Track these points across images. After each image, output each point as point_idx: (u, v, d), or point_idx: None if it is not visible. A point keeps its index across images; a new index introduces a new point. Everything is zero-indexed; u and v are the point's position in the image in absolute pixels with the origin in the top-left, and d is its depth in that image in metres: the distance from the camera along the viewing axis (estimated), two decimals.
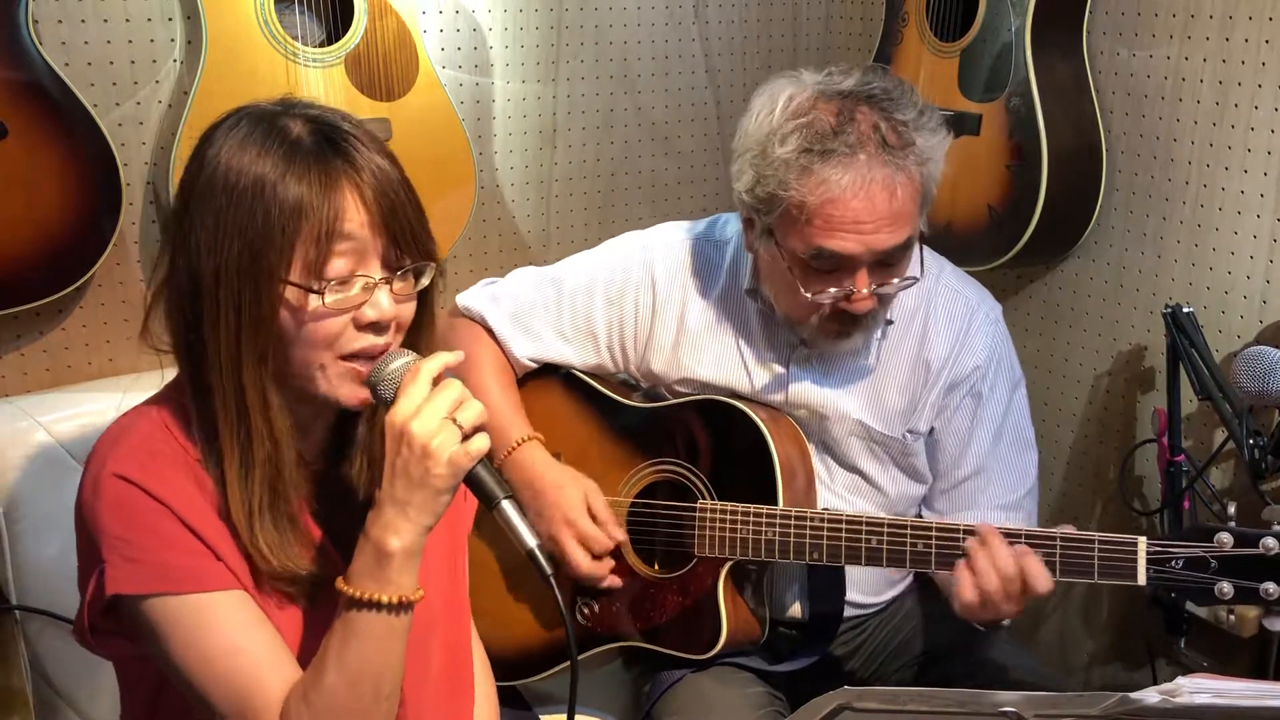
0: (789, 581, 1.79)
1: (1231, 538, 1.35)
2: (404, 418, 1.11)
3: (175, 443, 1.19)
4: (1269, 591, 1.33)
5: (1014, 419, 1.76)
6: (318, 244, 1.11)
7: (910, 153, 1.51)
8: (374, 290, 1.15)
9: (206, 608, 1.15)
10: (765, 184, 1.54)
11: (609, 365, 1.83)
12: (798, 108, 1.53)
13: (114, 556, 1.14)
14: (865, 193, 1.48)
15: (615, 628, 1.74)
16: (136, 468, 1.15)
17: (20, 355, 1.99)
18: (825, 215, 1.50)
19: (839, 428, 1.75)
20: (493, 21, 2.28)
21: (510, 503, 1.15)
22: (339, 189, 1.12)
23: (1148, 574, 1.39)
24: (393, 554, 1.12)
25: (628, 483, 1.76)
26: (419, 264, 1.19)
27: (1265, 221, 1.95)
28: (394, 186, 1.16)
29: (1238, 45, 1.94)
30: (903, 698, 1.16)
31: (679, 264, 1.78)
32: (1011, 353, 1.78)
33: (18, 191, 1.79)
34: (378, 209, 1.14)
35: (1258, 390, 1.62)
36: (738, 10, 2.54)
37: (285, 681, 1.15)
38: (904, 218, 1.52)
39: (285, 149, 1.13)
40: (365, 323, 1.15)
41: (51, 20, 1.89)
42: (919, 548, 1.52)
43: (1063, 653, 2.40)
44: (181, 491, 1.16)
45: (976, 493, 1.74)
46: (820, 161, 1.49)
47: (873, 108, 1.52)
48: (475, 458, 1.12)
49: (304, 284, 1.12)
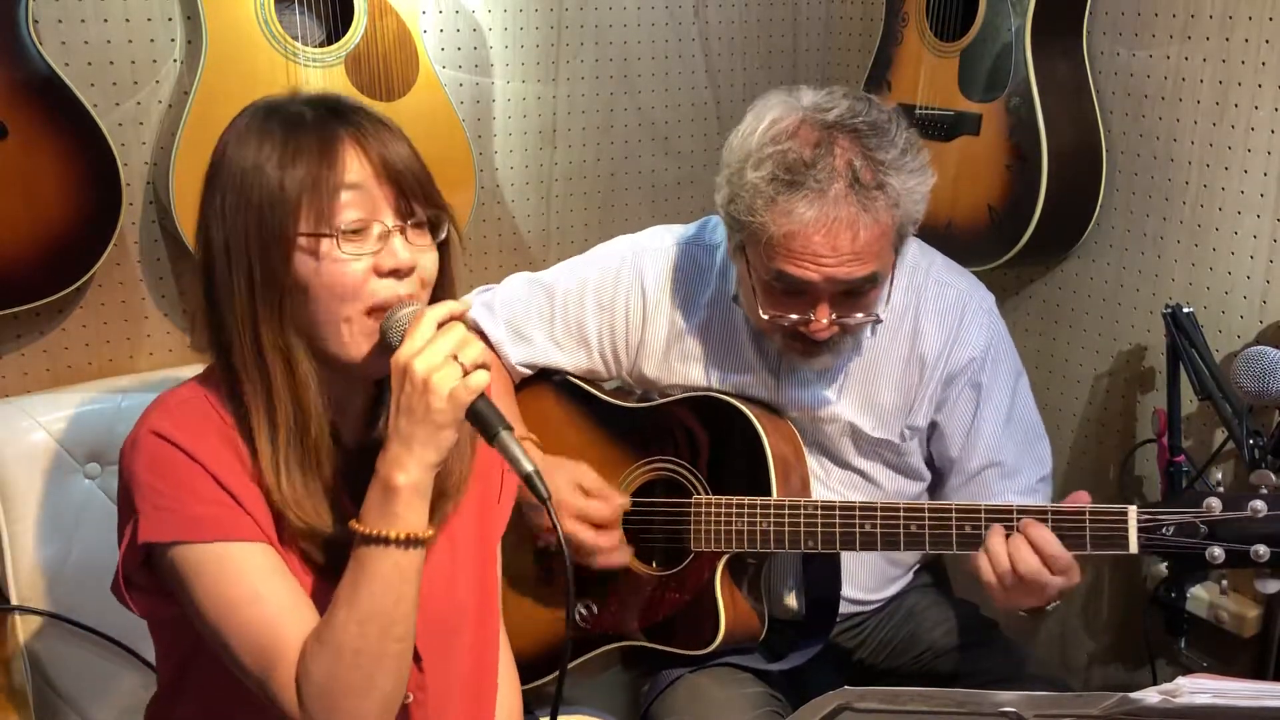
0: (785, 575, 1.80)
1: (1220, 502, 1.35)
2: (408, 356, 1.14)
3: (214, 413, 1.23)
4: (1259, 554, 1.33)
5: (1021, 407, 1.75)
6: (324, 195, 1.16)
7: (881, 194, 1.49)
8: (389, 238, 1.19)
9: (229, 556, 1.18)
10: (736, 204, 1.55)
11: (602, 370, 1.83)
12: (778, 133, 1.52)
13: (145, 506, 1.18)
14: (828, 229, 1.48)
15: (614, 627, 1.75)
16: (173, 426, 1.20)
17: (20, 355, 1.99)
18: (787, 245, 1.50)
19: (832, 429, 1.75)
20: (493, 21, 2.28)
21: (509, 434, 1.18)
22: (340, 144, 1.17)
23: (1139, 542, 1.39)
24: (399, 489, 1.15)
25: (624, 482, 1.76)
26: (431, 212, 1.23)
27: (1265, 221, 1.95)
28: (396, 141, 1.21)
29: (1238, 45, 1.94)
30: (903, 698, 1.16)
31: (669, 269, 1.79)
32: (1008, 342, 1.77)
33: (18, 191, 1.79)
34: (380, 160, 1.19)
35: (1258, 390, 1.62)
36: (738, 10, 2.54)
37: (303, 629, 1.18)
38: (868, 255, 1.51)
39: (288, 124, 1.19)
40: (386, 270, 1.19)
41: (51, 20, 1.89)
42: (911, 529, 1.52)
43: (1063, 653, 2.40)
44: (215, 452, 1.20)
45: (993, 482, 1.72)
46: (787, 192, 1.49)
47: (854, 142, 1.50)
48: (475, 392, 1.15)
49: (315, 232, 1.16)
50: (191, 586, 1.19)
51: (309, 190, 1.16)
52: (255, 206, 1.16)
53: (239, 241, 1.17)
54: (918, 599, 1.90)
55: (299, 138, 1.17)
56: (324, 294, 1.18)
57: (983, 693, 1.15)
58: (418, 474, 1.15)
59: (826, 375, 1.72)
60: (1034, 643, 2.42)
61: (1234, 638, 2.02)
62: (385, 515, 1.16)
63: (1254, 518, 1.34)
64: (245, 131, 1.19)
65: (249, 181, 1.17)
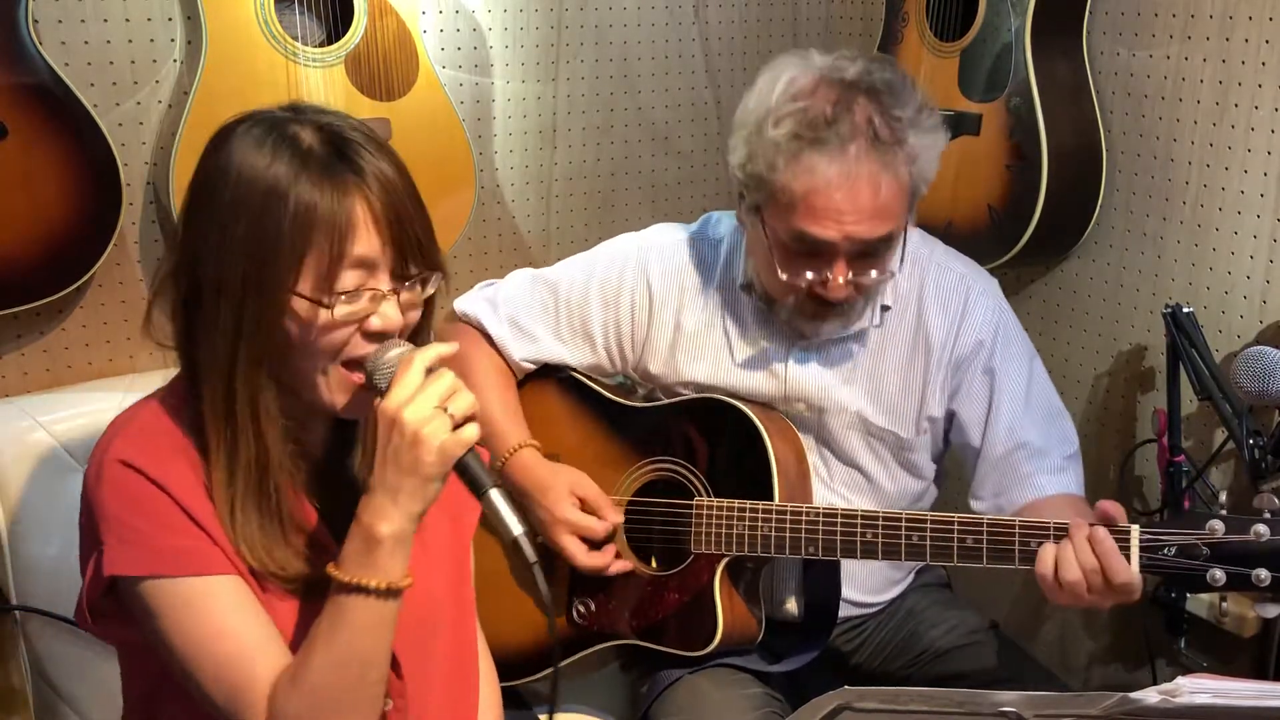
0: (785, 578, 1.79)
1: (1223, 525, 1.35)
2: (397, 405, 1.12)
3: (179, 431, 1.20)
4: (1260, 578, 1.33)
5: (1039, 388, 1.73)
6: (329, 260, 1.13)
7: (901, 149, 1.51)
8: (381, 301, 1.17)
9: (198, 591, 1.16)
10: (755, 162, 1.55)
11: (607, 366, 1.83)
12: (798, 91, 1.53)
13: (111, 538, 1.16)
14: (849, 185, 1.49)
15: (612, 626, 1.75)
16: (138, 453, 1.17)
17: (20, 355, 1.99)
18: (808, 202, 1.51)
19: (838, 421, 1.74)
20: (493, 21, 2.28)
21: (498, 491, 1.16)
22: (350, 204, 1.13)
23: (1141, 561, 1.39)
24: (382, 539, 1.13)
25: (625, 482, 1.76)
26: (425, 274, 1.20)
27: (1265, 221, 1.95)
28: (402, 199, 1.17)
29: (1238, 45, 1.94)
30: (903, 698, 1.16)
31: (674, 265, 1.79)
32: (1016, 325, 1.76)
33: (18, 191, 1.79)
34: (386, 224, 1.15)
35: (1258, 390, 1.62)
36: (738, 10, 2.54)
37: (274, 666, 1.16)
38: (887, 213, 1.52)
39: (296, 160, 1.14)
40: (372, 331, 1.17)
41: (51, 20, 1.89)
42: (913, 540, 1.52)
43: (1063, 653, 2.40)
44: (182, 478, 1.18)
45: (1021, 464, 1.69)
46: (809, 149, 1.49)
47: (871, 100, 1.52)
48: (465, 446, 1.14)
49: (314, 297, 1.14)
50: (159, 620, 1.17)
51: (316, 255, 1.13)
52: (256, 253, 1.12)
53: (233, 284, 1.13)
54: (918, 599, 1.90)
55: (308, 184, 1.13)
56: (305, 351, 1.16)
57: (983, 693, 1.15)
58: (401, 524, 1.14)
59: (834, 366, 1.72)
60: (1034, 643, 2.42)
61: (1234, 638, 2.02)
62: (366, 565, 1.14)
63: (1256, 541, 1.33)
64: (250, 158, 1.14)
65: (252, 221, 1.12)
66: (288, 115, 1.19)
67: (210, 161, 1.17)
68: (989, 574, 1.58)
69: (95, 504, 1.18)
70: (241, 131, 1.17)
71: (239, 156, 1.15)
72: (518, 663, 1.79)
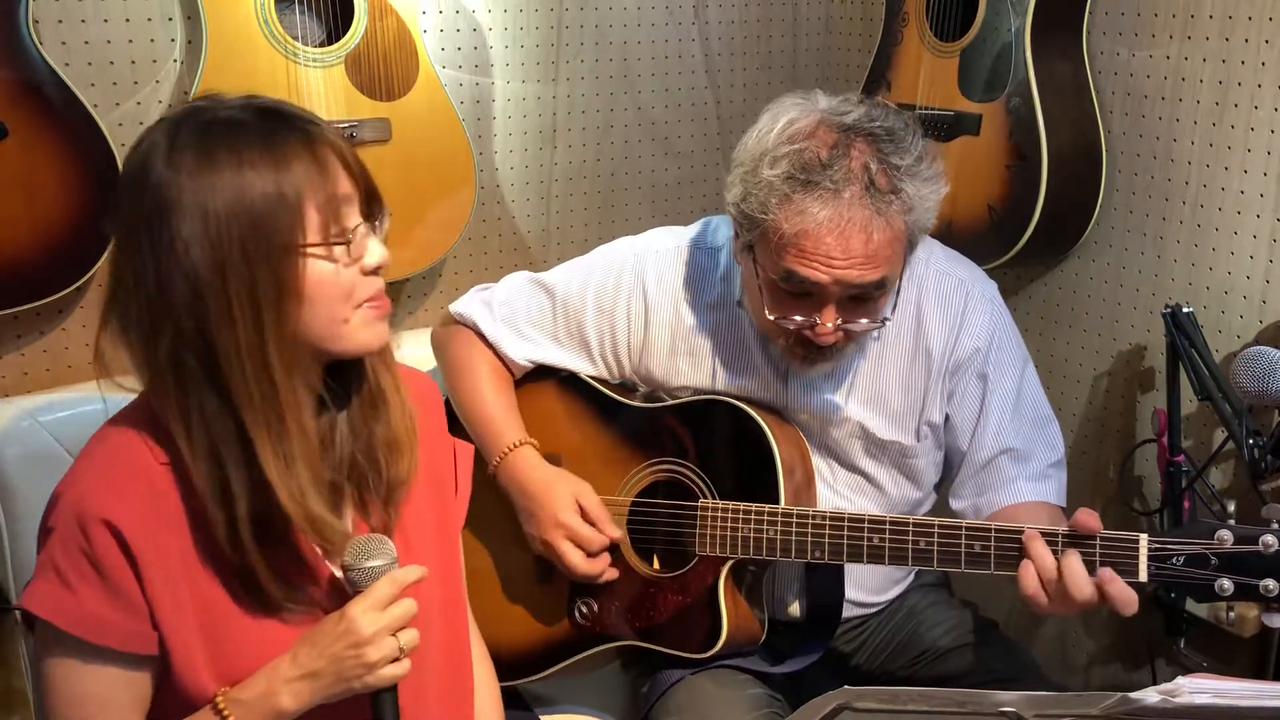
0: (788, 580, 1.80)
1: (1232, 535, 1.35)
2: (360, 611, 1.19)
3: (154, 461, 1.19)
4: (1269, 588, 1.33)
5: (1029, 395, 1.74)
6: (328, 202, 1.16)
7: (896, 198, 1.50)
8: (367, 238, 1.20)
9: (84, 652, 1.18)
10: (749, 201, 1.54)
11: (604, 371, 1.83)
12: (795, 132, 1.53)
13: (38, 578, 1.19)
14: (840, 231, 1.48)
15: (614, 627, 1.74)
16: (125, 510, 1.16)
17: (20, 355, 1.99)
18: (799, 244, 1.50)
19: (840, 431, 1.74)
20: (493, 21, 2.28)
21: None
22: (323, 149, 1.16)
23: (1149, 571, 1.39)
24: (283, 713, 1.19)
25: (628, 483, 1.76)
26: (382, 210, 1.23)
27: (1265, 221, 1.95)
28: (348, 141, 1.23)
29: (1238, 45, 1.94)
30: (903, 698, 1.16)
31: (670, 272, 1.78)
32: (1013, 330, 1.76)
33: (18, 191, 1.79)
34: (352, 162, 1.19)
35: (1258, 390, 1.62)
36: (738, 10, 2.54)
37: None
38: (879, 259, 1.51)
39: (262, 134, 1.15)
40: (370, 269, 1.20)
41: (51, 20, 1.89)
42: (920, 545, 1.52)
43: (1063, 653, 2.40)
44: (159, 537, 1.18)
45: (1004, 468, 1.71)
46: (802, 191, 1.49)
47: (870, 145, 1.51)
48: (392, 681, 1.21)
49: (327, 241, 1.16)
50: (45, 661, 1.20)
51: (314, 203, 1.14)
52: (253, 224, 1.11)
53: (236, 262, 1.11)
54: (918, 599, 1.90)
55: (280, 145, 1.14)
56: (324, 302, 1.17)
57: (983, 693, 1.15)
58: (302, 704, 1.19)
59: (834, 377, 1.72)
60: (1034, 643, 2.42)
61: (1234, 638, 2.02)
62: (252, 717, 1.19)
63: (1264, 552, 1.34)
64: (198, 155, 1.12)
65: (239, 196, 1.11)
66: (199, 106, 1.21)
67: (145, 179, 1.13)
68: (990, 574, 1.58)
69: (43, 543, 1.20)
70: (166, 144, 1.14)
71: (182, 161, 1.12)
72: (518, 663, 1.79)
